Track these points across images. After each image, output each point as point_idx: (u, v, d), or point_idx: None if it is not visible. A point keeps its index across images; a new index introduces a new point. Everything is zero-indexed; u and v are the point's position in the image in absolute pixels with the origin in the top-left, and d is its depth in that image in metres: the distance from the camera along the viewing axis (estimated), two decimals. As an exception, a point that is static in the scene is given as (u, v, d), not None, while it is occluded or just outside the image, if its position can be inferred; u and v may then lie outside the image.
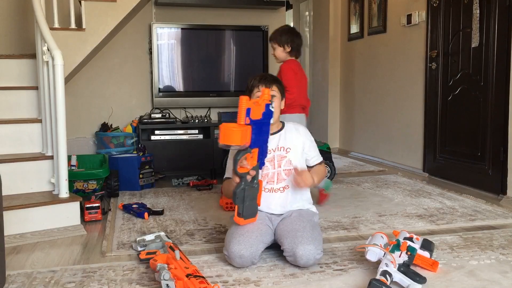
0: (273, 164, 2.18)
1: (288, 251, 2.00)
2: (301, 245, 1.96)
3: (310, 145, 2.28)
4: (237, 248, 1.99)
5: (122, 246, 2.34)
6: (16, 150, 2.96)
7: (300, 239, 1.98)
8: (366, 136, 5.15)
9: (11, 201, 2.57)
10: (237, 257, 1.99)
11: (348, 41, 5.46)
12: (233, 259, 2.00)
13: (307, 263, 1.97)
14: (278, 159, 2.19)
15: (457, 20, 3.72)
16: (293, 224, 2.09)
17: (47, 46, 2.72)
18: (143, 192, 3.59)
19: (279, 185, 2.19)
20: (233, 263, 2.02)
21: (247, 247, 1.99)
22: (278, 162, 2.18)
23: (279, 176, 2.19)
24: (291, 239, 2.00)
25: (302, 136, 2.27)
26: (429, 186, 3.66)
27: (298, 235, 2.00)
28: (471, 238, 2.39)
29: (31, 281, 1.93)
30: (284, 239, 2.03)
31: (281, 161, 2.19)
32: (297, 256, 1.95)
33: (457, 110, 3.77)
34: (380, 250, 1.91)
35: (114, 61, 4.35)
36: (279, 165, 2.19)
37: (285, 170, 2.19)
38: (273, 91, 2.17)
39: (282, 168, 2.19)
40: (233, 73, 4.50)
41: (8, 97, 3.13)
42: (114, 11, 3.60)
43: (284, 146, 2.21)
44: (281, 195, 2.20)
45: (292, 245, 1.98)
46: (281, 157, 2.19)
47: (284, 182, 2.19)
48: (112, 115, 4.32)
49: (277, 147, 2.20)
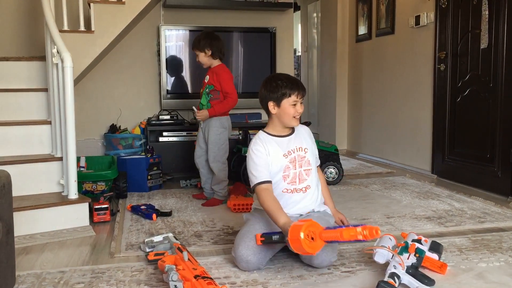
0: (294, 165, 2.15)
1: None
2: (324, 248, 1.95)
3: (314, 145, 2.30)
4: (245, 253, 1.98)
5: (130, 247, 2.35)
6: (25, 151, 2.99)
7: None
8: (374, 138, 5.14)
9: (21, 202, 2.59)
10: (244, 261, 1.99)
11: (356, 42, 5.45)
12: (239, 262, 2.01)
13: (322, 264, 1.98)
14: (299, 160, 2.16)
15: (466, 21, 3.70)
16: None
17: (56, 49, 2.74)
18: (151, 194, 3.61)
19: (301, 185, 2.16)
20: (239, 266, 2.03)
21: (255, 253, 1.98)
22: (299, 162, 2.16)
23: (300, 176, 2.16)
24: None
25: (310, 136, 2.29)
26: (437, 188, 3.64)
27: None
28: (480, 241, 2.38)
29: (41, 281, 1.94)
30: None
31: (301, 161, 2.17)
32: (314, 255, 1.93)
33: (466, 111, 3.75)
34: (388, 252, 1.90)
35: (122, 63, 4.37)
36: (300, 165, 2.16)
37: (305, 170, 2.17)
38: (303, 99, 2.16)
39: (302, 168, 2.16)
40: (240, 74, 4.51)
41: (18, 99, 3.16)
42: (122, 14, 3.62)
43: (302, 147, 2.19)
44: (303, 195, 2.17)
45: None
46: (301, 157, 2.17)
47: (306, 182, 2.16)
48: (120, 116, 4.35)
49: (296, 147, 2.18)
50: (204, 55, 3.19)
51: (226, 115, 3.27)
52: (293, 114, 2.13)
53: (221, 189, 3.26)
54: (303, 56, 7.23)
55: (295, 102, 2.12)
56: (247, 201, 3.05)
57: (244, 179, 3.72)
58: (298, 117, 2.17)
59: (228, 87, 3.15)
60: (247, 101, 4.48)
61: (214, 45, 3.17)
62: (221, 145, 3.23)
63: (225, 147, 3.25)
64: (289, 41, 4.82)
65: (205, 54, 3.18)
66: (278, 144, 2.16)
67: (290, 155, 2.15)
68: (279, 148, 2.15)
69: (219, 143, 3.22)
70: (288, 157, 2.15)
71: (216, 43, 3.18)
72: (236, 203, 3.04)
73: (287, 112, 2.13)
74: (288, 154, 2.15)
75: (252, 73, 4.52)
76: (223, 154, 3.25)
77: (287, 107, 2.12)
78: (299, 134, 2.24)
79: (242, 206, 3.03)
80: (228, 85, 3.15)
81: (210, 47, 3.16)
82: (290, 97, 2.11)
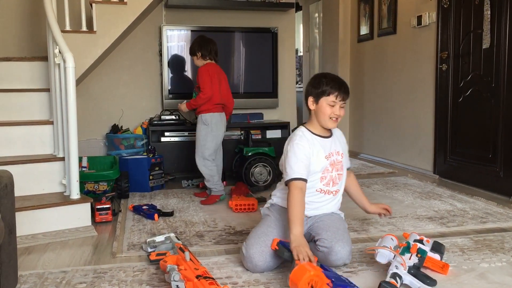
0: (332, 168, 2.15)
1: (326, 243, 1.97)
2: (341, 242, 1.97)
3: (346, 148, 2.30)
4: (256, 257, 1.97)
5: (132, 247, 2.36)
6: (28, 151, 2.99)
7: (341, 237, 1.99)
8: (376, 138, 5.13)
9: (23, 202, 2.60)
10: (252, 264, 1.98)
11: (357, 42, 5.45)
12: (247, 262, 2.00)
13: (338, 261, 1.97)
14: (336, 163, 2.16)
15: (468, 21, 3.70)
16: (334, 223, 2.09)
17: (58, 49, 2.75)
18: (153, 194, 3.61)
19: (333, 188, 2.17)
20: (245, 265, 2.03)
21: (266, 260, 1.98)
22: (336, 166, 2.16)
23: (334, 180, 2.16)
24: (332, 234, 2.00)
25: (343, 137, 2.29)
26: (439, 188, 3.64)
27: (340, 233, 2.01)
28: (482, 241, 2.38)
29: (43, 281, 1.95)
30: (324, 232, 2.01)
31: (338, 165, 2.17)
32: (334, 250, 1.95)
33: (468, 111, 3.74)
34: (390, 252, 1.90)
35: (124, 63, 4.37)
36: (336, 169, 2.16)
37: (339, 174, 2.18)
38: (345, 102, 2.12)
39: (337, 172, 2.17)
40: (242, 75, 4.51)
41: (20, 99, 3.16)
42: (124, 14, 3.63)
43: (339, 151, 2.18)
44: (332, 198, 2.18)
45: (332, 238, 1.97)
46: (338, 161, 2.17)
47: (337, 186, 2.18)
48: (122, 117, 4.35)
49: (335, 151, 2.17)
50: (196, 58, 3.38)
51: (209, 112, 3.32)
52: (329, 114, 2.08)
53: (213, 185, 3.33)
54: (305, 56, 7.23)
55: (334, 103, 2.07)
56: (249, 201, 3.05)
57: (245, 179, 3.72)
58: (336, 120, 2.11)
59: (202, 83, 3.28)
60: (248, 101, 4.49)
61: (204, 47, 3.35)
62: (200, 141, 3.34)
63: (206, 143, 3.33)
64: (291, 41, 4.82)
65: (197, 57, 3.37)
66: (321, 145, 2.13)
67: (331, 157, 2.14)
68: (322, 149, 2.12)
69: (199, 139, 3.34)
70: (329, 159, 2.13)
71: (207, 46, 3.35)
72: (237, 203, 3.04)
73: (323, 111, 2.09)
74: (329, 156, 2.13)
75: (253, 74, 4.52)
76: (203, 150, 3.33)
77: (324, 106, 2.08)
78: (336, 137, 2.22)
79: (244, 206, 3.03)
80: (203, 82, 3.27)
81: (200, 49, 3.34)
82: (328, 96, 2.07)
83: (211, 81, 3.28)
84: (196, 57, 3.37)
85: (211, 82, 3.28)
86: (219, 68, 3.44)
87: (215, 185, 3.33)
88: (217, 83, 3.32)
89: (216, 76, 3.34)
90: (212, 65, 3.36)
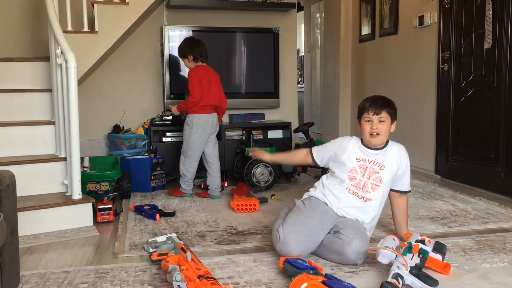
0: (363, 173, 2.25)
1: (347, 235, 2.04)
2: (361, 238, 2.06)
3: (405, 170, 2.34)
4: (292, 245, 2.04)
5: (134, 247, 2.36)
6: (29, 151, 3.00)
7: (362, 235, 2.09)
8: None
9: (25, 202, 2.60)
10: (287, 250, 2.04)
11: (359, 42, 5.45)
12: (281, 246, 2.06)
13: (352, 254, 2.02)
14: (369, 171, 2.25)
15: (470, 21, 3.69)
16: (357, 224, 2.19)
17: (60, 49, 2.75)
18: (155, 194, 3.61)
19: (365, 194, 2.23)
20: (277, 246, 2.10)
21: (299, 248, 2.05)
22: (368, 173, 2.24)
23: (365, 187, 2.23)
24: (355, 230, 2.08)
25: (401, 158, 2.32)
26: (441, 189, 3.64)
27: (361, 231, 2.13)
28: (484, 241, 2.38)
29: (45, 281, 1.95)
30: (348, 227, 2.10)
31: (372, 174, 2.25)
32: (352, 242, 2.02)
33: (470, 112, 3.74)
34: (392, 252, 1.90)
35: (126, 63, 4.38)
36: (369, 176, 2.24)
37: (373, 184, 2.24)
38: (382, 117, 2.25)
39: (370, 181, 2.24)
40: (244, 75, 4.51)
41: (22, 100, 3.17)
42: (126, 14, 3.63)
43: (380, 163, 2.26)
44: (362, 204, 2.23)
45: (353, 233, 2.05)
46: (373, 171, 2.25)
47: (368, 194, 2.23)
48: (124, 117, 4.35)
49: (374, 161, 2.27)
50: (188, 61, 3.45)
51: (194, 113, 3.40)
52: (368, 131, 2.25)
53: (183, 183, 3.50)
54: (306, 57, 7.23)
55: (369, 119, 2.25)
56: (251, 201, 3.05)
57: (247, 179, 3.72)
58: (376, 135, 2.24)
59: (191, 86, 3.35)
60: (250, 101, 4.49)
61: (195, 49, 3.42)
62: (184, 140, 3.46)
63: (188, 143, 3.43)
64: (292, 41, 4.82)
65: (188, 60, 3.44)
66: (360, 149, 2.31)
67: (364, 162, 2.26)
68: (358, 152, 2.29)
69: (184, 138, 3.47)
70: (359, 162, 2.26)
71: (197, 48, 3.42)
72: (239, 203, 3.04)
73: (363, 128, 2.28)
74: (362, 160, 2.27)
75: (255, 74, 4.52)
76: (186, 149, 3.45)
77: (363, 123, 2.29)
78: (389, 153, 2.30)
79: (245, 206, 3.03)
80: (192, 85, 3.35)
81: (191, 52, 3.41)
82: (364, 114, 2.28)
83: (200, 84, 3.35)
84: (187, 60, 3.44)
85: (200, 85, 3.35)
86: (210, 69, 3.51)
87: (183, 183, 3.50)
88: (206, 85, 3.38)
89: (206, 78, 3.39)
90: (202, 67, 3.43)
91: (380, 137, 2.25)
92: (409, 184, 2.37)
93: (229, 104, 4.40)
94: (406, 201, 2.41)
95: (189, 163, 3.45)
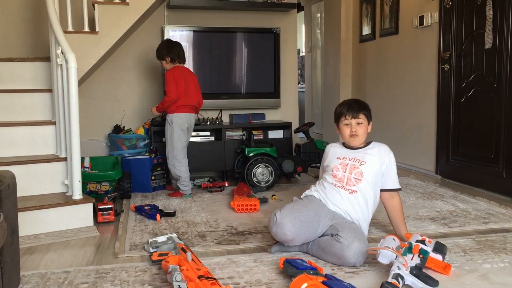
0: (344, 168, 2.35)
1: (346, 238, 2.05)
2: (361, 241, 2.06)
3: (389, 167, 2.40)
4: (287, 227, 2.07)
5: (134, 247, 2.36)
6: (30, 152, 3.00)
7: (361, 237, 2.10)
8: (378, 138, 5.05)
9: (25, 202, 2.60)
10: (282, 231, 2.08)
11: (359, 42, 5.45)
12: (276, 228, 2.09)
13: (352, 258, 2.02)
14: (350, 167, 2.35)
15: (470, 21, 3.69)
16: (354, 225, 2.21)
17: (61, 49, 2.76)
18: (155, 194, 3.61)
19: (348, 186, 2.30)
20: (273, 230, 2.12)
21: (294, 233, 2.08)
22: (350, 169, 2.34)
23: (349, 180, 2.32)
24: (353, 233, 2.09)
25: (382, 155, 2.39)
26: (441, 189, 3.64)
27: (359, 233, 2.14)
28: (484, 241, 2.37)
29: (45, 281, 1.95)
30: (346, 229, 2.11)
31: (353, 169, 2.34)
32: (352, 247, 2.02)
33: (470, 112, 3.74)
34: (392, 253, 1.90)
35: (126, 63, 4.38)
36: (350, 172, 2.33)
37: (355, 178, 2.32)
38: (359, 119, 2.39)
39: (352, 175, 2.32)
40: (244, 75, 4.51)
41: (23, 100, 3.17)
42: (126, 14, 3.63)
43: (360, 159, 2.36)
44: (349, 196, 2.28)
45: (352, 236, 2.06)
46: (354, 167, 2.35)
47: (353, 187, 2.30)
48: (124, 117, 4.35)
49: (354, 158, 2.37)
50: (166, 63, 3.55)
51: (173, 112, 3.48)
52: (348, 133, 2.39)
53: (179, 184, 3.54)
54: (307, 57, 7.23)
55: (347, 123, 2.39)
56: (251, 201, 3.05)
57: (247, 179, 3.72)
58: (356, 135, 2.38)
59: (166, 86, 3.45)
60: (250, 101, 4.49)
61: (173, 51, 3.52)
62: (168, 140, 3.54)
63: (172, 142, 3.50)
64: (293, 41, 4.82)
65: (166, 61, 3.53)
66: (340, 150, 2.45)
67: (344, 160, 2.38)
68: (339, 153, 2.43)
69: (167, 138, 3.55)
70: (340, 161, 2.39)
71: (175, 50, 3.53)
72: (240, 204, 3.04)
73: (342, 132, 2.43)
74: (343, 159, 2.39)
75: (255, 74, 4.52)
76: (171, 149, 3.52)
77: (341, 127, 2.43)
78: (370, 152, 2.39)
79: (246, 206, 3.03)
80: (168, 85, 3.44)
81: (169, 53, 3.51)
82: (341, 118, 2.41)
83: (176, 84, 3.43)
84: (165, 62, 3.53)
85: (176, 85, 3.43)
86: (187, 70, 3.63)
87: (180, 184, 3.53)
88: (183, 86, 3.46)
89: (183, 79, 3.48)
90: (179, 68, 3.52)
91: (359, 138, 2.39)
92: (397, 181, 2.43)
93: (229, 104, 4.44)
94: (399, 201, 2.43)
95: (179, 163, 3.51)
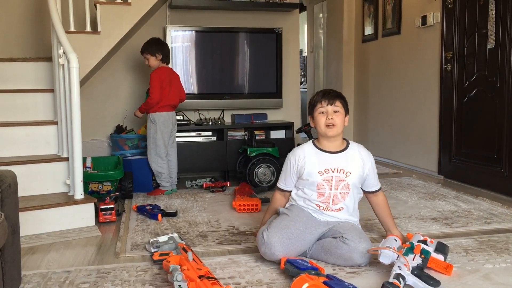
0: (330, 185, 2.16)
1: (352, 240, 2.03)
2: (367, 242, 2.05)
3: (370, 171, 2.27)
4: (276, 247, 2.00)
5: (135, 247, 2.36)
6: (32, 151, 3.01)
7: (365, 239, 2.07)
8: (380, 138, 5.12)
9: (27, 202, 2.61)
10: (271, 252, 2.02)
11: (362, 42, 5.44)
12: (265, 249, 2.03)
13: (359, 259, 2.02)
14: (336, 181, 2.17)
15: (473, 21, 3.68)
16: (354, 227, 2.17)
17: (63, 49, 2.76)
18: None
19: (334, 206, 2.18)
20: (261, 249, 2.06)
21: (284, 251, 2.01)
22: (336, 184, 2.16)
23: (335, 198, 2.18)
24: (358, 234, 2.08)
25: (364, 160, 2.24)
26: (444, 189, 3.63)
27: (364, 234, 2.12)
28: (487, 242, 2.37)
29: (46, 281, 1.95)
30: (349, 231, 2.08)
31: (339, 183, 2.17)
32: (360, 247, 2.01)
33: (473, 112, 3.73)
34: (394, 253, 1.90)
35: (128, 63, 4.38)
36: (336, 187, 2.17)
37: (342, 193, 2.18)
38: (336, 107, 2.19)
39: (338, 191, 2.17)
40: (246, 75, 4.51)
41: (24, 100, 3.18)
42: (128, 14, 3.63)
43: (345, 169, 2.17)
44: (334, 214, 2.19)
45: (358, 239, 2.04)
46: (339, 179, 2.17)
47: (340, 204, 2.18)
48: (126, 117, 4.36)
49: (337, 168, 2.17)
50: (155, 59, 3.57)
51: (156, 111, 3.55)
52: (324, 122, 2.17)
53: (160, 180, 3.60)
54: (309, 57, 7.22)
55: (323, 110, 2.18)
56: (253, 201, 3.05)
57: (249, 179, 3.72)
58: (332, 125, 2.16)
59: (152, 89, 3.51)
60: (252, 101, 4.49)
61: (164, 50, 3.59)
62: (151, 138, 3.59)
63: (155, 140, 3.57)
64: (295, 41, 4.82)
65: (155, 58, 3.56)
66: (318, 159, 2.19)
67: (327, 173, 2.16)
68: (318, 163, 2.18)
69: (149, 136, 3.60)
70: (324, 175, 2.16)
71: (165, 49, 3.61)
72: (241, 204, 3.03)
73: (318, 122, 2.20)
74: (325, 172, 2.16)
75: (257, 74, 4.51)
76: (153, 147, 3.58)
77: (316, 116, 2.20)
78: (350, 155, 2.22)
79: (248, 206, 3.03)
80: (153, 87, 3.50)
81: (161, 51, 3.56)
82: (316, 106, 2.20)
83: (161, 86, 3.51)
84: (154, 58, 3.55)
85: (161, 87, 3.51)
86: (171, 70, 3.71)
87: (161, 180, 3.59)
88: (167, 87, 3.55)
89: (167, 81, 3.56)
90: (165, 69, 3.59)
91: (336, 129, 2.16)
92: (377, 181, 2.32)
93: (231, 104, 4.44)
94: (383, 196, 2.36)
95: (161, 159, 3.58)
